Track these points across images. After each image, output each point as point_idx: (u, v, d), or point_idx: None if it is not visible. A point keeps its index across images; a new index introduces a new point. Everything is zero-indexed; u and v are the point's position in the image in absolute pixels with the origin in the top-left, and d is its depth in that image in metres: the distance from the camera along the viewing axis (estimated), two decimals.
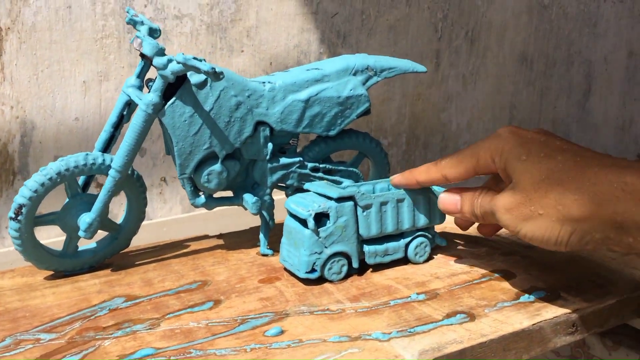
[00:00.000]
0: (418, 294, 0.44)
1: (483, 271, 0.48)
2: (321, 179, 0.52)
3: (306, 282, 0.46)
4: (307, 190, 0.49)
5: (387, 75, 0.53)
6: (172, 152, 0.46)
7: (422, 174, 0.47)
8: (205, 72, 0.41)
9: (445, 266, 0.49)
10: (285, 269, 0.47)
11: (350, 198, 0.46)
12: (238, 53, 0.74)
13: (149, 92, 0.45)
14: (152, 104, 0.43)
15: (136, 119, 0.44)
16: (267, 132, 0.48)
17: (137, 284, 0.44)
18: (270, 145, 0.49)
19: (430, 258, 0.50)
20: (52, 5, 0.63)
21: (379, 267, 0.48)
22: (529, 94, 0.98)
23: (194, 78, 0.44)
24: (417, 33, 0.84)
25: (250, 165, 0.50)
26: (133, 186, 0.47)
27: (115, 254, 0.49)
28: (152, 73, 0.51)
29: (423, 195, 0.49)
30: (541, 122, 0.99)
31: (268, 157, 0.49)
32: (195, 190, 0.48)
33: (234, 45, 0.73)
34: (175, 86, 0.45)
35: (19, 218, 0.42)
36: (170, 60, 0.43)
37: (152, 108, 0.43)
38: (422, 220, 0.49)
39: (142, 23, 0.46)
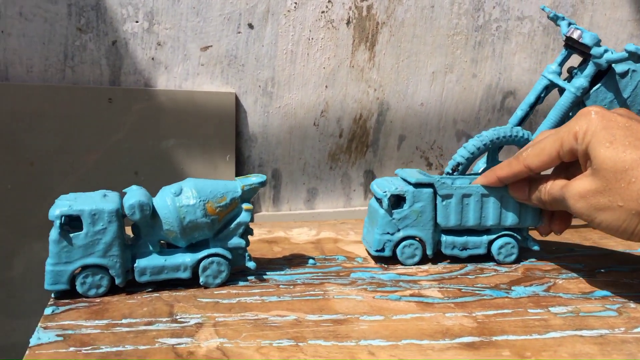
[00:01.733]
0: None
1: None
2: None
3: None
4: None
5: None
6: None
7: (504, 168, 0.45)
8: None
9: None
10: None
11: (430, 185, 0.46)
12: None
13: (572, 78, 0.51)
14: (582, 87, 0.50)
15: (564, 100, 0.51)
16: None
17: None
18: None
19: (519, 260, 0.48)
20: (420, 4, 0.73)
21: (458, 259, 0.47)
22: None
23: (618, 68, 0.50)
24: None
25: None
26: None
27: None
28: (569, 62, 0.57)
29: None
30: None
31: None
32: None
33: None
34: (598, 74, 0.51)
35: (454, 174, 0.51)
36: (606, 51, 0.48)
37: (581, 91, 0.50)
38: (509, 220, 0.46)
39: (562, 18, 0.53)
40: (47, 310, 0.36)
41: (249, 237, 0.42)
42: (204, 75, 0.70)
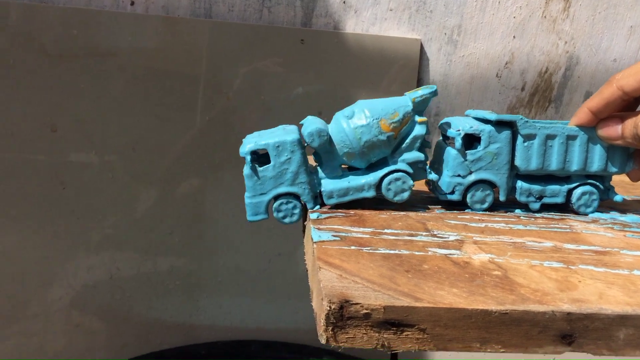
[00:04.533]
0: None
1: None
2: None
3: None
4: None
5: None
6: None
7: (594, 98, 0.39)
8: None
9: None
10: (430, 189, 0.44)
11: (510, 125, 0.41)
12: None
13: None
14: None
15: None
16: None
17: None
18: None
19: (598, 211, 0.43)
20: None
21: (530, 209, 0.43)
22: None
23: None
24: None
25: None
26: None
27: None
28: None
29: None
30: None
31: None
32: None
33: None
34: None
35: None
36: None
37: None
38: (595, 165, 0.41)
39: None
40: (313, 215, 0.39)
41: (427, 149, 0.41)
42: (391, 20, 0.71)
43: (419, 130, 0.41)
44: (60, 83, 0.67)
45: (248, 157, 0.39)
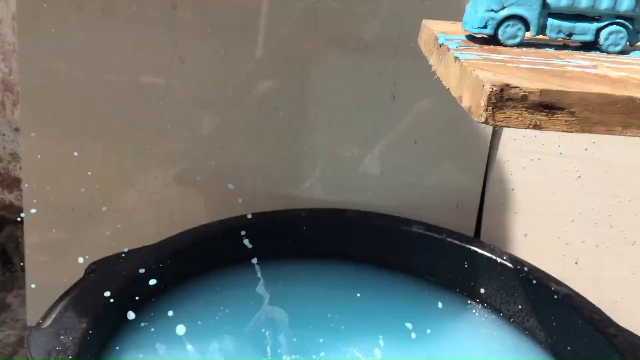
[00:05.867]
0: None
1: None
2: None
3: None
4: None
5: None
6: None
7: None
8: None
9: None
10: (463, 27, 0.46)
11: None
12: None
13: None
14: None
15: None
16: None
17: None
18: None
19: (627, 51, 0.44)
20: None
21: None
22: None
23: None
24: None
25: None
26: None
27: None
28: None
29: None
30: None
31: None
32: None
33: None
34: None
35: None
36: None
37: None
38: (625, 4, 0.43)
39: None
40: (452, 45, 0.43)
41: None
42: None
43: None
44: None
45: None
